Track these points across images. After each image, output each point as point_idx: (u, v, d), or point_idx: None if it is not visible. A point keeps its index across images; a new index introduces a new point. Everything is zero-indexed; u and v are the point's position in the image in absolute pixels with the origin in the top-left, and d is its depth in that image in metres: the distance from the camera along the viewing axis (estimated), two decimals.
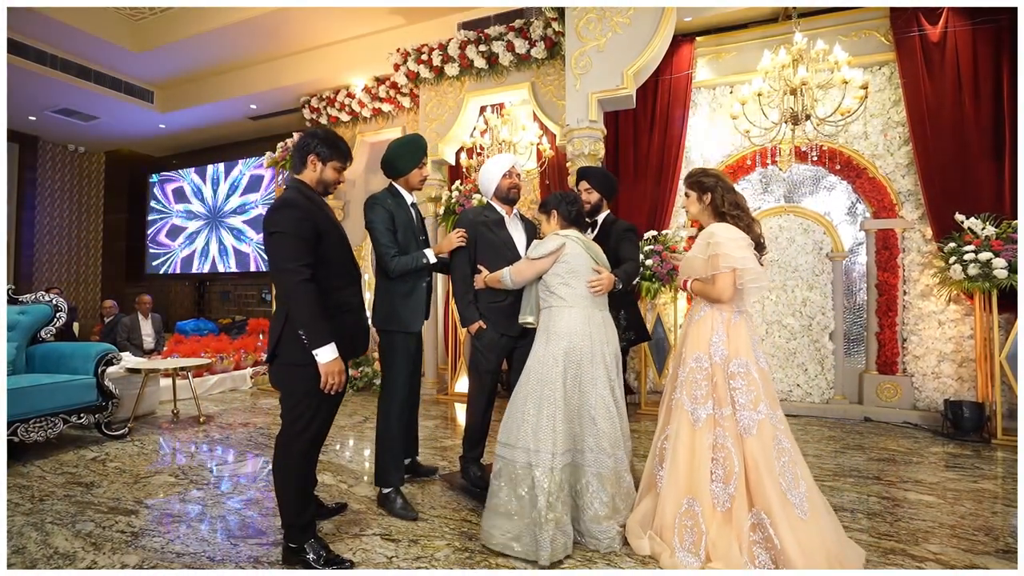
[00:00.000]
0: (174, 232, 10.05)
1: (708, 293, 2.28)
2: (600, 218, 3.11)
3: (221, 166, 9.54)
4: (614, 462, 2.30)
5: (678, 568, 2.07)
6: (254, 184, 9.18)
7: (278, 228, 2.02)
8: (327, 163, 2.21)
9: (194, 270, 9.76)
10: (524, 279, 2.53)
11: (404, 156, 2.79)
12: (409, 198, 2.85)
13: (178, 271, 9.96)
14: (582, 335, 2.34)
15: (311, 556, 2.10)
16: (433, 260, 2.75)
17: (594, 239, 3.06)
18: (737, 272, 2.20)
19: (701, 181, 2.40)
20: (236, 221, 9.32)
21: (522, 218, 3.01)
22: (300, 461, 2.14)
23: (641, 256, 4.73)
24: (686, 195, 2.47)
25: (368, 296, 5.64)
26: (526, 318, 2.62)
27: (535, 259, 2.47)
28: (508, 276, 2.57)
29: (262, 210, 9.01)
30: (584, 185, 3.07)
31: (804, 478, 2.12)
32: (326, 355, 2.01)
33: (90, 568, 2.14)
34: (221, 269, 9.45)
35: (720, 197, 2.33)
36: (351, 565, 2.13)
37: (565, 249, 2.42)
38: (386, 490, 2.70)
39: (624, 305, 2.90)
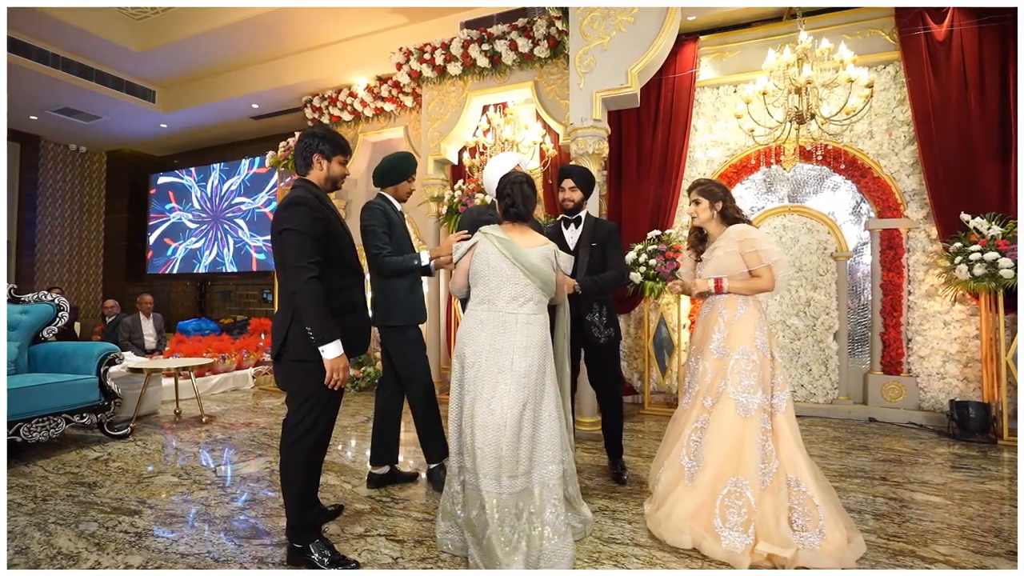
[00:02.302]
0: (175, 231, 10.04)
1: (756, 287, 2.46)
2: (583, 215, 3.10)
3: (223, 166, 9.53)
4: (474, 478, 2.09)
5: (729, 551, 2.13)
6: (256, 183, 9.17)
7: (289, 225, 2.03)
8: (332, 159, 2.24)
9: (195, 270, 9.75)
10: (459, 286, 2.41)
11: (398, 168, 2.95)
12: (398, 207, 2.99)
13: (179, 271, 9.95)
14: (468, 340, 2.22)
15: (316, 556, 2.09)
16: (426, 262, 2.78)
17: (581, 238, 3.03)
18: (776, 266, 2.43)
19: (712, 190, 2.60)
20: (238, 221, 9.30)
21: None
22: (305, 463, 2.13)
23: (644, 256, 4.71)
24: (695, 202, 2.62)
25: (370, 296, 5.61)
26: None
27: (456, 264, 2.39)
28: (451, 286, 2.52)
29: (265, 209, 9.01)
30: (568, 183, 3.04)
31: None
32: (332, 352, 2.02)
33: (94, 568, 2.13)
34: (222, 269, 9.44)
35: (730, 205, 2.58)
36: (357, 565, 2.11)
37: (476, 248, 2.30)
38: (434, 464, 2.94)
39: (603, 303, 2.98)
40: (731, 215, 2.57)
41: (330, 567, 2.07)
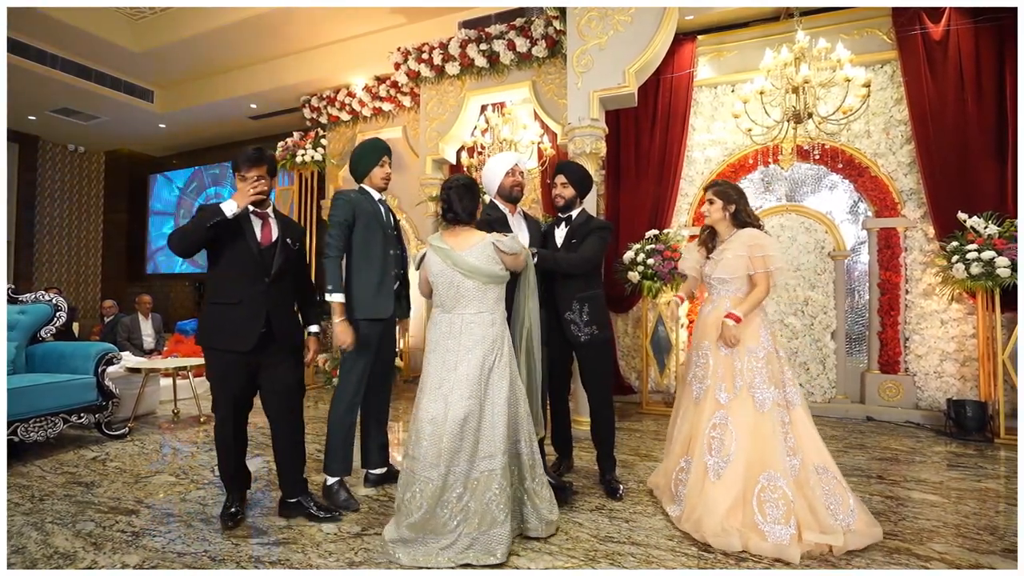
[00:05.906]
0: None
1: (758, 299, 2.52)
2: (574, 214, 2.95)
3: (221, 165, 9.53)
4: (414, 464, 2.22)
5: (777, 545, 2.14)
6: None
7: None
8: (235, 175, 2.44)
9: (194, 270, 9.75)
10: (423, 292, 2.51)
11: (363, 158, 2.86)
12: (376, 195, 2.88)
13: (178, 271, 9.95)
14: (427, 341, 2.38)
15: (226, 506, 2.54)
16: (339, 299, 2.65)
17: (565, 237, 2.90)
18: (775, 272, 2.52)
19: (728, 193, 2.65)
20: None
21: (526, 216, 2.98)
22: (218, 440, 2.54)
23: (642, 255, 4.72)
24: (710, 201, 2.68)
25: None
26: None
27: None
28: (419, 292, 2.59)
29: None
30: (561, 179, 2.93)
31: None
32: (228, 207, 2.31)
33: (91, 568, 2.13)
34: None
35: (743, 209, 2.63)
36: (233, 525, 2.45)
37: (425, 259, 2.41)
38: (330, 481, 2.73)
39: (585, 300, 2.81)
40: (743, 218, 2.62)
41: (222, 516, 2.50)
